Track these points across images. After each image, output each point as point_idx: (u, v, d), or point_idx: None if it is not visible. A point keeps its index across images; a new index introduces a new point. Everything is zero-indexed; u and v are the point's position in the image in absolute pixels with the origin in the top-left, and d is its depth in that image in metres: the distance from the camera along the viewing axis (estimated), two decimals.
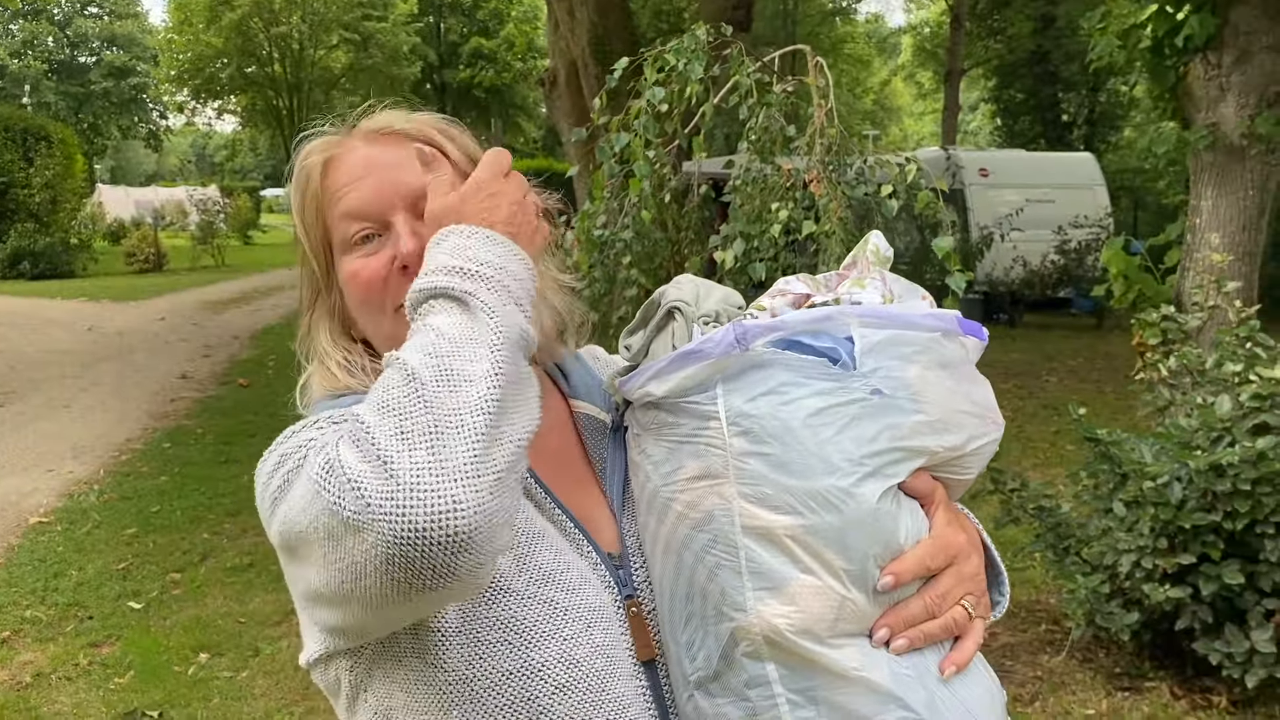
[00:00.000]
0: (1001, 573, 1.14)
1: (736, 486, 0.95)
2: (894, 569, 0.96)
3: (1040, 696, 3.95)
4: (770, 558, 0.94)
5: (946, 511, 1.03)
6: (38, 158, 23.56)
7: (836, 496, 0.93)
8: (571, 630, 0.99)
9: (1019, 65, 27.11)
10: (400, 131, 1.13)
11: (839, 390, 0.95)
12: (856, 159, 4.14)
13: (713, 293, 1.11)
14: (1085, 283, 14.61)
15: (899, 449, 0.96)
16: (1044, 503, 4.27)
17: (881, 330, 0.99)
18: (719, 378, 0.98)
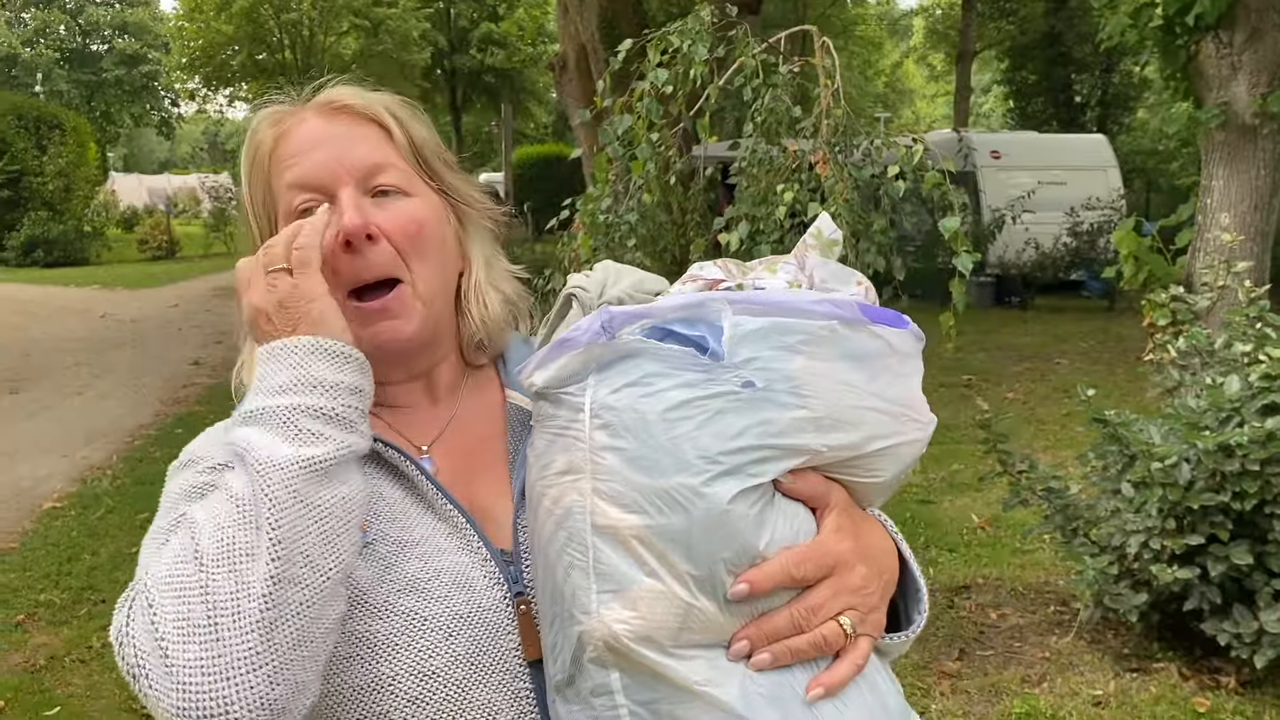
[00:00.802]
0: (920, 589, 1.06)
1: (592, 482, 0.90)
2: (750, 576, 0.88)
3: (1048, 677, 3.95)
4: (617, 559, 0.88)
5: (840, 517, 0.95)
6: (51, 146, 23.65)
7: (684, 496, 0.86)
8: (428, 641, 0.96)
9: (1031, 47, 26.88)
10: (349, 107, 1.10)
11: (706, 382, 0.89)
12: (864, 140, 4.13)
13: (623, 278, 1.05)
14: (1097, 265, 14.52)
15: (768, 447, 0.89)
16: (1052, 484, 4.26)
17: (759, 318, 0.91)
18: (593, 367, 0.92)
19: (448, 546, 1.02)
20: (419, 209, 1.08)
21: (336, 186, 1.05)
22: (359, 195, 1.05)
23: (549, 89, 39.57)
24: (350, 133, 1.08)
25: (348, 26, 34.86)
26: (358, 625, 0.96)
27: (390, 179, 1.07)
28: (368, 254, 1.04)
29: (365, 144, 1.08)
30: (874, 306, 0.98)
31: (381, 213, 1.06)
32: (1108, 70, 26.13)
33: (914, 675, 3.99)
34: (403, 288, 1.05)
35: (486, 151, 50.01)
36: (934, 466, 6.90)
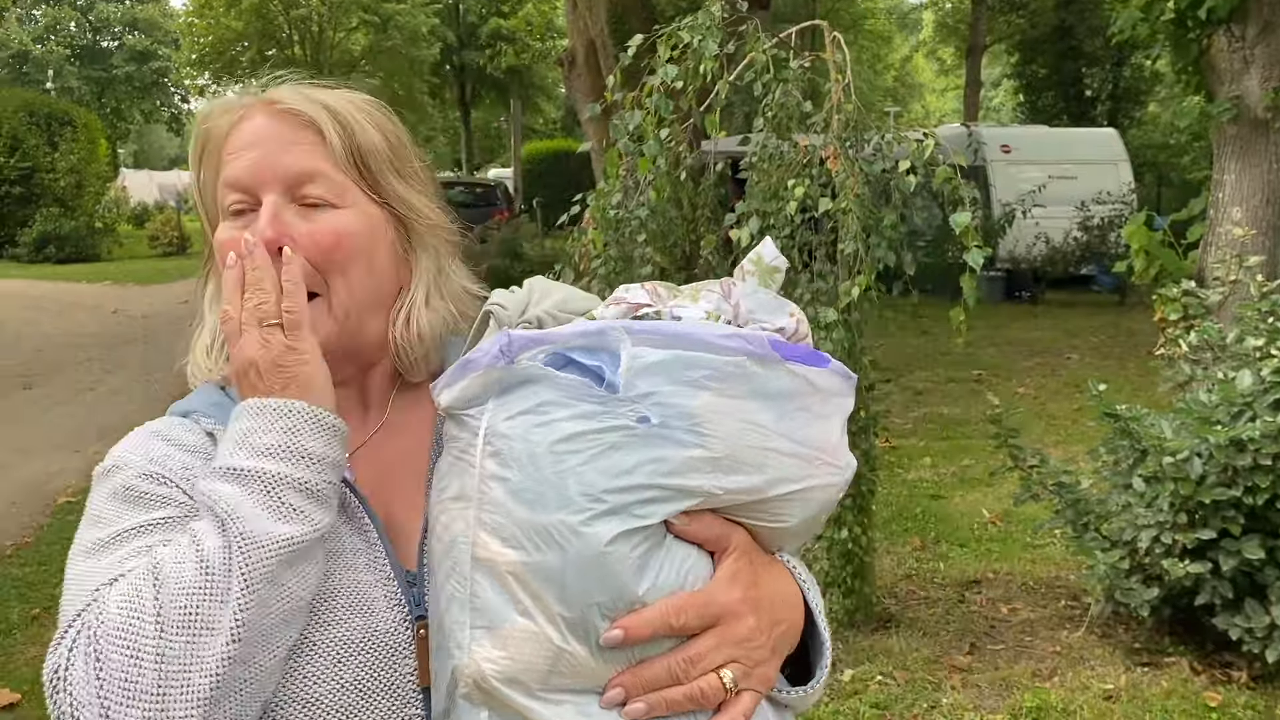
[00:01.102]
0: (824, 642, 1.01)
1: (478, 512, 0.87)
2: (625, 622, 0.84)
3: (1059, 671, 3.96)
4: (493, 595, 0.85)
5: (736, 564, 0.90)
6: (62, 143, 23.77)
7: (561, 533, 0.83)
8: (314, 668, 0.94)
9: (1042, 40, 26.77)
10: (288, 108, 1.05)
11: (602, 415, 0.85)
12: (874, 135, 4.13)
13: (549, 295, 1.00)
14: (1108, 259, 14.48)
15: (659, 486, 0.84)
16: (1064, 479, 4.26)
17: (661, 350, 0.87)
18: (493, 391, 0.89)
19: (353, 564, 0.99)
20: (344, 222, 1.04)
21: (262, 191, 1.03)
22: (283, 203, 1.03)
23: (558, 84, 39.53)
24: (286, 136, 1.04)
25: (357, 22, 34.90)
26: None
27: (318, 189, 1.04)
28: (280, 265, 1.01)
29: (297, 149, 1.04)
30: (791, 344, 0.94)
31: (304, 224, 1.03)
32: (1119, 64, 26.02)
33: (924, 669, 4.00)
34: (318, 301, 1.02)
35: (495, 147, 50.01)
36: (944, 462, 6.91)
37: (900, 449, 7.18)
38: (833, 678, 3.93)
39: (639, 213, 4.26)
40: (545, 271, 5.35)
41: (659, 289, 0.99)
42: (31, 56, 47.36)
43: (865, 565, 4.31)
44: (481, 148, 47.72)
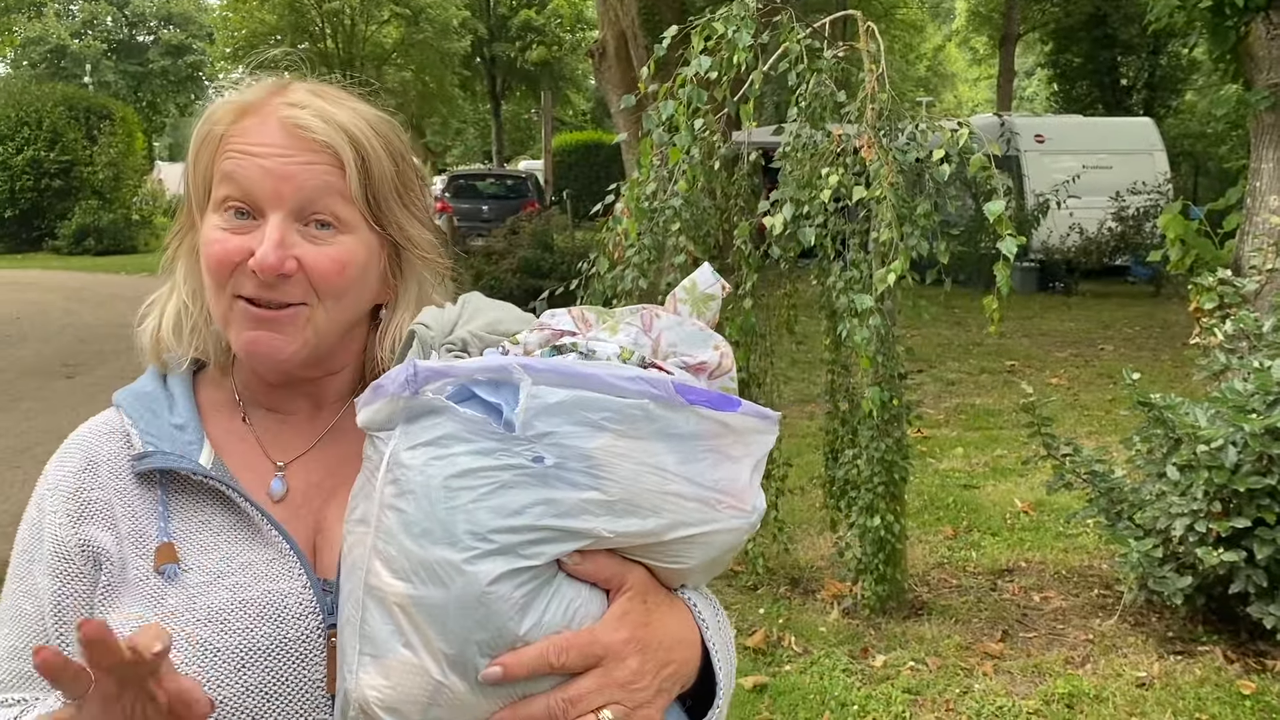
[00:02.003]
0: (718, 683, 0.99)
1: (374, 539, 0.87)
2: (505, 660, 0.84)
3: (1091, 659, 3.97)
4: (380, 624, 0.86)
5: (628, 604, 0.90)
6: (101, 136, 24.12)
7: (445, 570, 0.83)
8: (217, 672, 0.97)
9: (1076, 29, 26.45)
10: (311, 133, 1.03)
11: (499, 452, 0.84)
12: (908, 124, 4.14)
13: (478, 317, 0.99)
14: (1143, 250, 14.34)
15: (549, 528, 0.84)
16: (1097, 467, 4.26)
17: (562, 390, 0.86)
18: (401, 418, 0.88)
19: (268, 574, 1.02)
20: (348, 251, 1.05)
21: (269, 207, 1.02)
22: (288, 223, 1.02)
23: (587, 76, 39.54)
24: (302, 157, 1.02)
25: (388, 15, 35.07)
26: None
27: (329, 215, 1.04)
28: (275, 285, 1.02)
29: (312, 174, 1.02)
30: (694, 386, 0.92)
31: (309, 246, 1.03)
32: (1155, 52, 25.68)
33: (957, 655, 4.02)
34: (301, 309, 1.03)
35: (525, 139, 50.11)
36: (976, 452, 6.90)
37: (932, 439, 7.18)
38: (864, 663, 3.97)
39: (672, 202, 4.29)
40: (578, 260, 5.37)
41: (587, 314, 0.98)
42: (69, 51, 47.95)
43: (897, 552, 4.34)
44: (511, 140, 47.83)
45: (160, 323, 1.12)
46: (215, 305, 1.06)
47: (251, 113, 1.06)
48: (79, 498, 1.06)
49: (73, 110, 24.21)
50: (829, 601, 4.51)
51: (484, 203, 20.92)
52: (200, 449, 1.07)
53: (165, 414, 1.09)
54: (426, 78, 36.56)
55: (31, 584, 1.05)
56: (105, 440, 1.10)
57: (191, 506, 1.05)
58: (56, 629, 1.03)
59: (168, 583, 1.01)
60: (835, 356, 4.54)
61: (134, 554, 1.03)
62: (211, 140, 1.07)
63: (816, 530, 5.31)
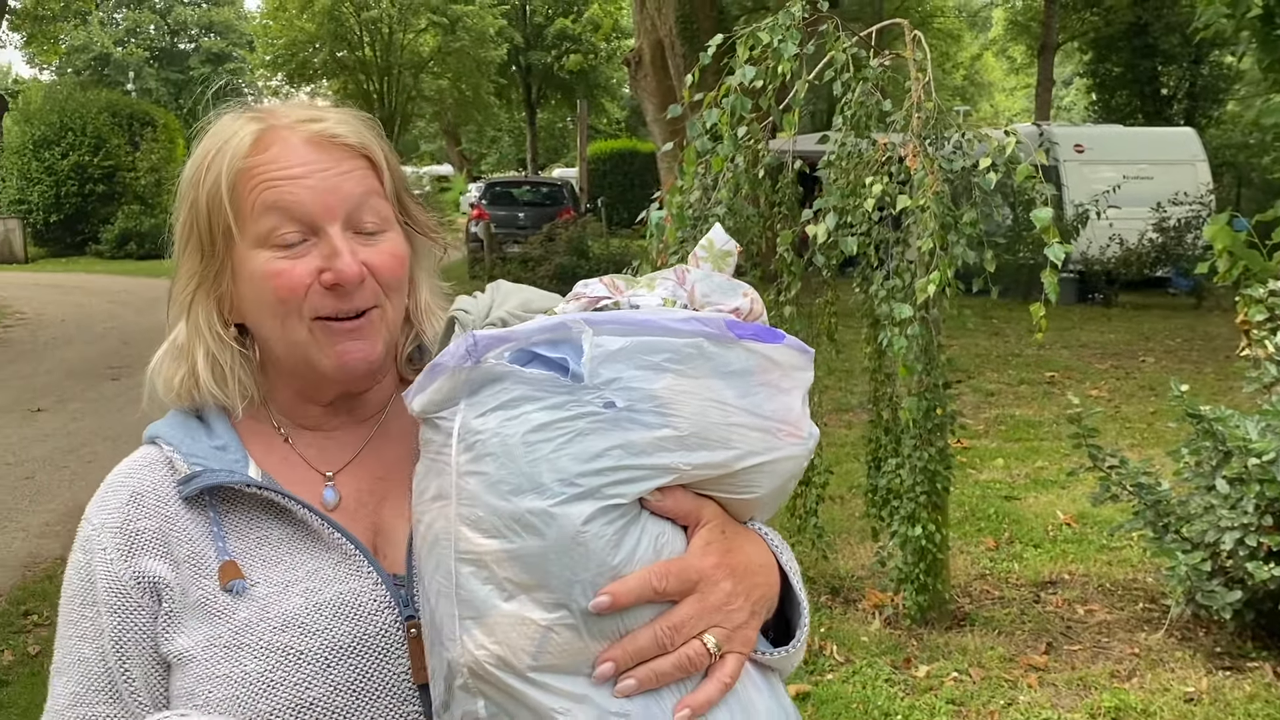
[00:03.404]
0: (800, 603, 1.03)
1: (456, 508, 0.90)
2: (611, 589, 0.87)
3: (1138, 673, 3.93)
4: (478, 585, 0.88)
5: (709, 534, 0.94)
6: (143, 142, 24.50)
7: (538, 518, 0.86)
8: (304, 674, 0.98)
9: (1116, 38, 26.23)
10: (343, 141, 1.06)
11: (570, 404, 0.88)
12: (954, 133, 4.13)
13: (511, 298, 1.03)
14: (1185, 261, 14.17)
15: (631, 467, 0.88)
16: (1143, 480, 4.22)
17: (623, 337, 0.90)
18: (463, 392, 0.91)
19: (336, 575, 1.03)
20: (397, 243, 1.08)
21: (325, 222, 1.03)
22: (346, 233, 1.04)
23: (622, 84, 39.67)
24: (340, 166, 1.05)
25: (426, 24, 35.40)
26: (235, 667, 0.99)
27: (373, 216, 1.06)
28: (353, 293, 1.03)
29: (352, 179, 1.05)
30: (747, 323, 0.97)
31: (369, 250, 1.05)
32: (1196, 62, 25.42)
33: (1000, 667, 3.99)
34: (375, 312, 1.06)
35: (559, 147, 50.33)
36: (1017, 464, 6.85)
37: (973, 449, 7.14)
38: (906, 673, 3.95)
39: (715, 210, 4.31)
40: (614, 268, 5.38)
41: (616, 281, 1.02)
42: (113, 59, 48.77)
43: (939, 562, 4.31)
44: (545, 147, 48.06)
45: (197, 374, 1.09)
46: (290, 337, 1.05)
47: (269, 141, 1.05)
48: (127, 530, 1.05)
49: (116, 117, 24.63)
50: (870, 611, 4.49)
51: (520, 210, 21.03)
52: (246, 465, 1.07)
53: (204, 438, 1.08)
54: (463, 85, 36.86)
55: (88, 626, 1.04)
56: (146, 471, 1.09)
57: (246, 523, 1.05)
58: (119, 665, 1.03)
59: (237, 599, 1.01)
60: (878, 365, 4.53)
61: (195, 577, 1.03)
62: (225, 181, 1.04)
63: (857, 539, 5.30)
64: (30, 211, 23.72)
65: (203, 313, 1.09)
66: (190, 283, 1.09)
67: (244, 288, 1.05)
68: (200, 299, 1.09)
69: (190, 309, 1.09)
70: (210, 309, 1.08)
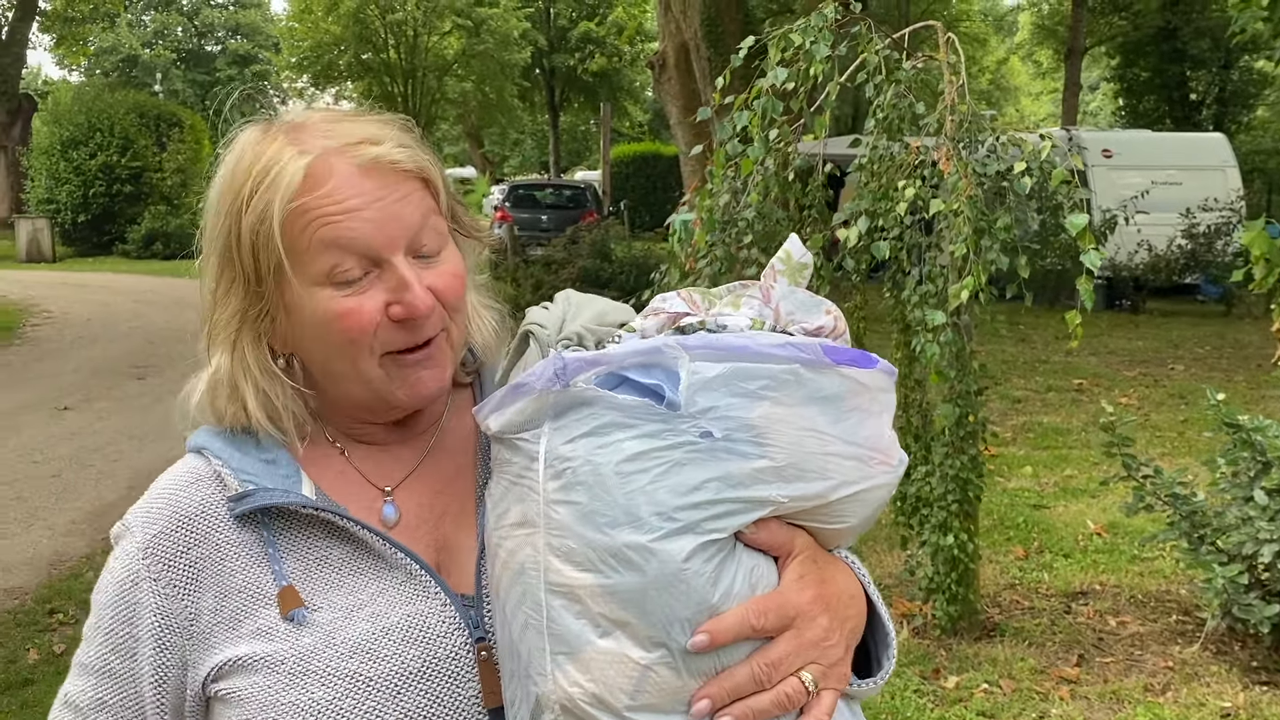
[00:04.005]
0: (889, 633, 1.01)
1: (546, 537, 0.86)
2: (709, 627, 0.84)
3: (1172, 687, 3.86)
4: (571, 620, 0.85)
5: (802, 566, 0.91)
6: (170, 143, 24.67)
7: (637, 554, 0.83)
8: (374, 702, 0.95)
9: (1145, 42, 26.04)
10: (397, 165, 1.01)
11: (665, 433, 0.85)
12: (988, 136, 4.08)
13: (584, 311, 0.99)
14: (1214, 268, 14.02)
15: (729, 500, 0.85)
16: (1178, 490, 4.15)
17: (719, 364, 0.87)
18: (548, 415, 0.88)
19: (401, 597, 1.00)
20: (456, 259, 1.05)
21: (388, 254, 0.99)
22: (410, 262, 1.00)
23: (645, 88, 39.68)
24: (398, 192, 1.00)
25: (450, 26, 35.51)
26: (300, 695, 0.95)
27: (431, 239, 1.02)
28: (423, 324, 1.00)
29: (411, 205, 1.00)
30: (838, 346, 0.94)
31: (431, 274, 1.01)
32: (1226, 66, 25.19)
33: (1031, 679, 3.93)
34: (442, 336, 1.03)
35: (582, 150, 50.41)
36: (1046, 472, 6.77)
37: (1000, 457, 7.06)
38: (936, 684, 3.90)
39: (745, 213, 4.27)
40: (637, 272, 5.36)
41: (695, 296, 0.99)
42: (140, 60, 49.22)
43: (970, 572, 4.25)
44: (568, 150, 48.13)
45: (248, 414, 1.03)
46: (361, 374, 1.01)
47: (323, 175, 0.98)
48: (180, 563, 1.01)
49: (143, 118, 24.81)
50: (899, 620, 4.44)
51: (543, 212, 21.05)
52: (299, 482, 1.03)
53: (254, 451, 1.03)
54: (487, 88, 36.95)
55: (122, 644, 1.02)
56: (193, 489, 1.04)
57: (302, 543, 1.01)
58: (154, 695, 1.01)
59: (299, 627, 0.97)
60: (909, 371, 4.48)
61: (251, 606, 0.99)
62: (276, 219, 0.98)
63: (886, 547, 5.24)
64: (58, 211, 23.91)
65: (250, 349, 1.03)
66: (234, 320, 1.03)
67: (304, 328, 1.01)
68: (247, 335, 1.03)
69: (235, 345, 1.03)
70: (260, 346, 1.03)
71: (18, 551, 5.64)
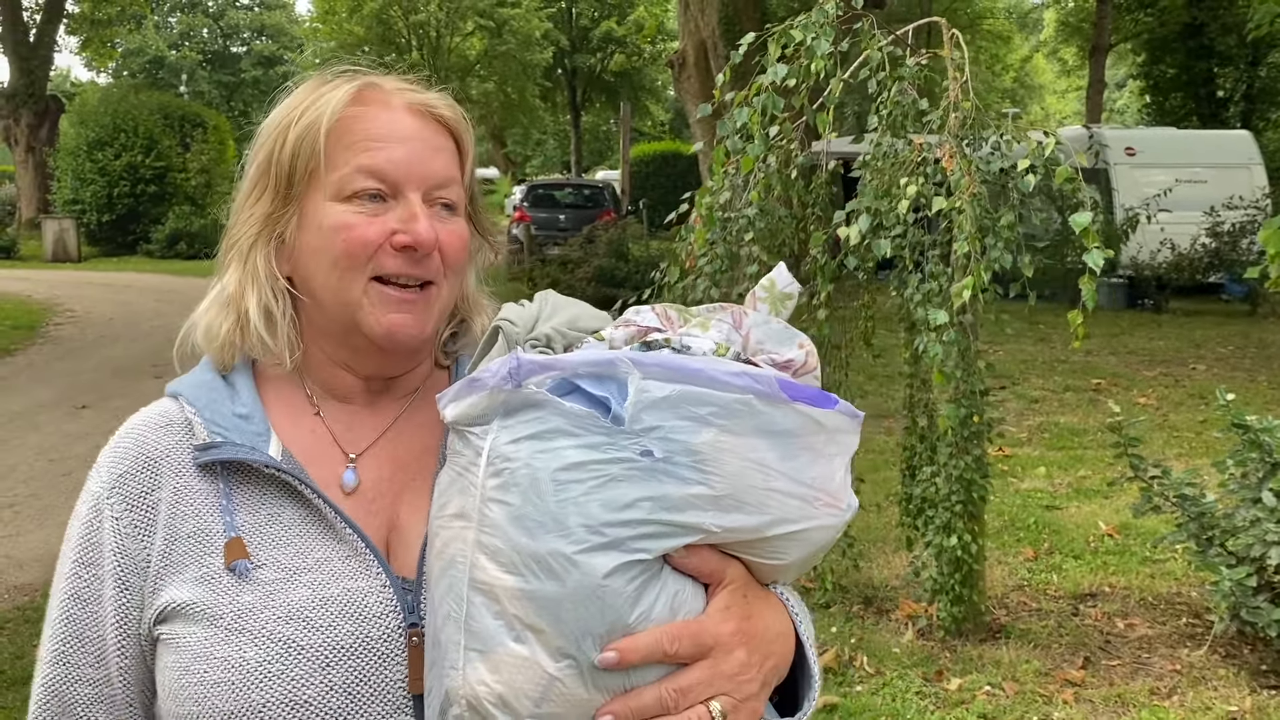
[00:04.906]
0: (813, 675, 1.00)
1: (477, 534, 0.87)
2: (620, 645, 0.84)
3: (1179, 690, 3.80)
4: (489, 619, 0.86)
5: (730, 597, 0.90)
6: (194, 143, 24.86)
7: (559, 563, 0.83)
8: (302, 670, 0.96)
9: (1171, 39, 25.72)
10: (442, 115, 1.10)
11: (606, 446, 0.85)
12: (992, 134, 4.03)
13: (559, 313, 1.00)
14: (1239, 267, 13.83)
15: (660, 522, 0.84)
16: (1187, 491, 4.09)
17: (669, 384, 0.86)
18: (499, 412, 0.88)
19: (344, 571, 1.01)
20: (464, 229, 1.10)
21: (407, 188, 1.04)
22: (423, 204, 1.05)
23: (666, 87, 39.66)
24: (434, 141, 1.08)
25: (472, 27, 35.65)
26: (233, 651, 0.97)
27: (449, 195, 1.08)
28: (422, 260, 1.04)
29: (442, 156, 1.08)
30: (795, 383, 0.92)
31: (441, 226, 1.06)
32: (1254, 63, 24.85)
33: (1035, 681, 3.88)
34: (433, 289, 1.06)
35: (604, 149, 50.43)
36: (1060, 472, 6.70)
37: (1014, 458, 7.00)
38: (938, 686, 3.86)
39: (747, 211, 4.24)
40: (651, 270, 5.38)
41: (669, 312, 0.99)
42: (166, 62, 49.65)
43: (974, 573, 4.21)
44: (590, 150, 48.19)
45: (244, 323, 1.08)
46: (343, 293, 1.04)
47: (370, 101, 1.07)
48: (142, 504, 1.04)
49: (168, 118, 25.01)
50: (903, 622, 4.40)
51: (561, 212, 21.06)
52: (268, 440, 1.05)
53: (228, 404, 1.07)
54: (509, 89, 37.06)
55: (83, 587, 1.04)
56: (163, 433, 1.07)
57: (258, 498, 1.03)
58: (117, 640, 1.03)
59: (240, 579, 0.99)
60: (914, 370, 4.44)
61: (197, 553, 1.01)
62: (317, 127, 1.05)
63: (891, 548, 5.20)
64: (84, 211, 24.13)
65: (262, 258, 1.08)
66: (253, 227, 1.08)
67: (309, 237, 1.05)
68: (261, 244, 1.08)
69: (249, 254, 1.08)
70: (270, 255, 1.08)
71: (30, 548, 5.69)
